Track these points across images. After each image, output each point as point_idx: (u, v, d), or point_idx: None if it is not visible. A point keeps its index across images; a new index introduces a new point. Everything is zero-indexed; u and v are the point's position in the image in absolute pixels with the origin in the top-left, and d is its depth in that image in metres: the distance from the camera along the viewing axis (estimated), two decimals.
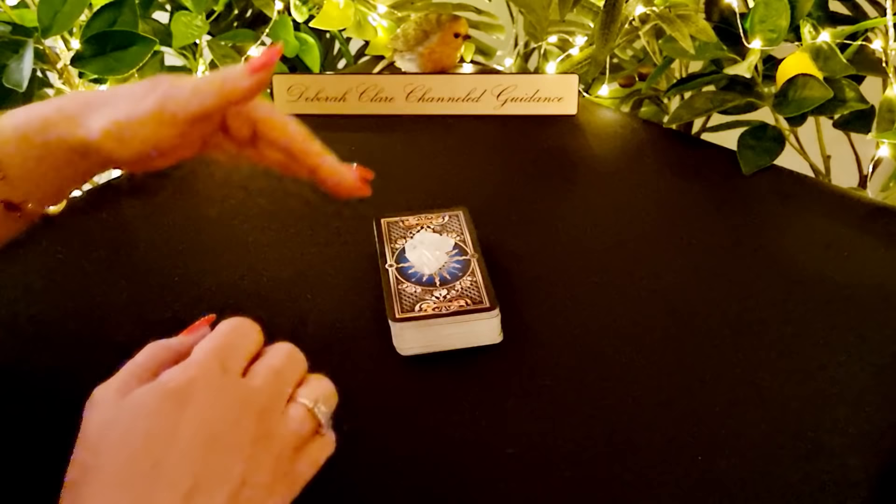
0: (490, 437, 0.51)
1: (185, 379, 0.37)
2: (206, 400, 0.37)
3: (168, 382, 0.37)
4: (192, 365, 0.38)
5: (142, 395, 0.37)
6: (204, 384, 0.37)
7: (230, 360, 0.39)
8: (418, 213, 0.65)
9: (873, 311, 0.60)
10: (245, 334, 0.41)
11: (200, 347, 0.39)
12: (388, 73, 0.91)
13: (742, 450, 0.49)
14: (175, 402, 0.37)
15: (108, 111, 0.46)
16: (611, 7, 0.79)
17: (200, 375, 0.38)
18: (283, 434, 0.39)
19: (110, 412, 0.37)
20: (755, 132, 0.78)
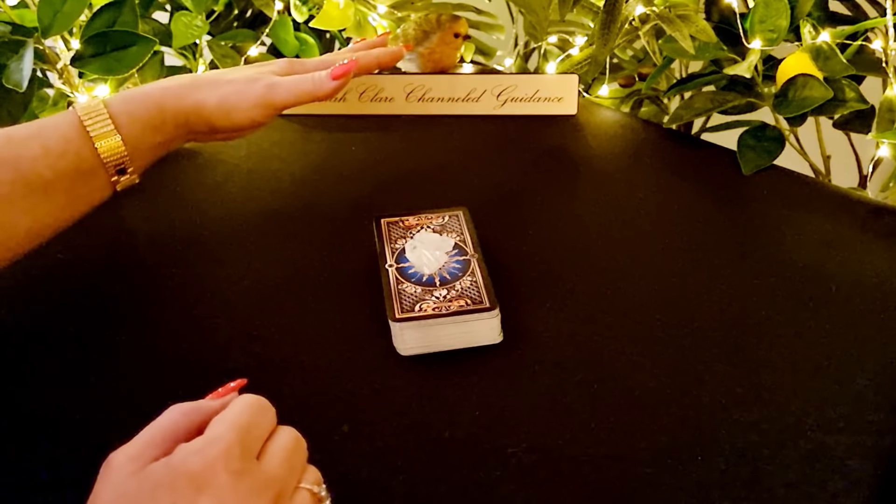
0: (490, 437, 0.51)
1: (204, 462, 0.36)
2: (225, 485, 0.36)
3: (187, 463, 0.36)
4: (212, 445, 0.37)
5: (159, 473, 0.36)
6: (223, 467, 0.36)
7: (249, 442, 0.38)
8: (418, 213, 0.65)
9: (873, 311, 0.60)
10: (264, 414, 0.40)
11: (221, 423, 0.38)
12: (388, 73, 0.91)
13: (742, 450, 0.49)
14: (193, 485, 0.35)
15: (220, 89, 0.58)
16: (611, 7, 0.79)
17: (220, 458, 0.36)
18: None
19: (125, 484, 0.36)
20: (755, 132, 0.78)
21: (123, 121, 0.55)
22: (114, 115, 0.55)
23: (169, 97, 0.57)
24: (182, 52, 0.96)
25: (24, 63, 0.70)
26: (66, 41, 0.81)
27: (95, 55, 0.75)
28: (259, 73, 0.61)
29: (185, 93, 0.58)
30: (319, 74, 0.61)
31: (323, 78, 0.61)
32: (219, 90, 0.58)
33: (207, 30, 0.92)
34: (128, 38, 0.75)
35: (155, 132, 0.57)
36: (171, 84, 0.58)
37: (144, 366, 0.56)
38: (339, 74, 0.61)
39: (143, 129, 0.56)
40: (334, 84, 0.61)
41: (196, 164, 0.77)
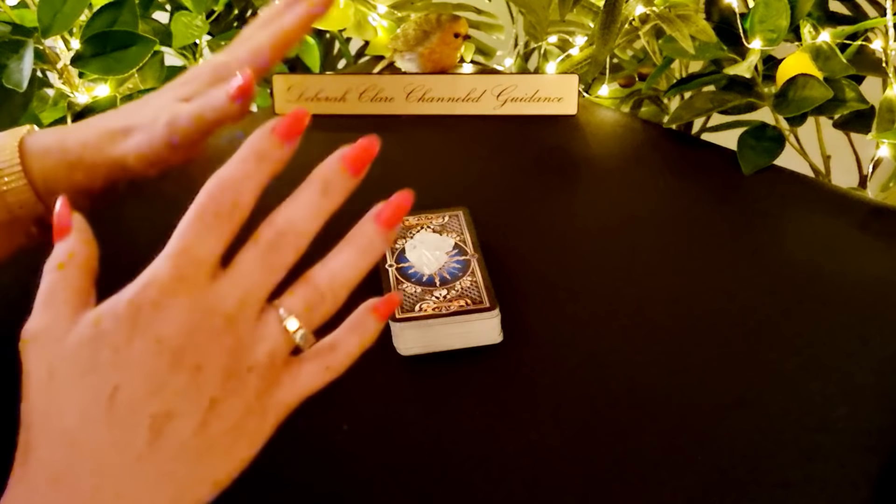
0: (490, 437, 0.51)
1: (143, 295, 0.34)
2: (162, 317, 0.34)
3: (125, 300, 0.34)
4: (150, 276, 0.35)
5: (94, 321, 0.35)
6: (158, 299, 0.34)
7: (194, 262, 0.36)
8: (418, 213, 0.65)
9: (873, 311, 0.60)
10: (217, 223, 0.37)
11: (163, 252, 0.36)
12: (388, 73, 0.91)
13: (742, 450, 0.49)
14: (131, 322, 0.34)
15: (133, 139, 0.52)
16: (611, 7, 0.79)
17: (158, 289, 0.34)
18: (258, 348, 0.36)
19: (56, 354, 0.35)
20: (755, 132, 0.78)
21: (37, 177, 0.52)
22: (28, 169, 0.52)
23: (88, 156, 0.53)
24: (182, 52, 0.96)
25: (24, 63, 0.70)
26: (66, 41, 0.81)
27: (95, 55, 0.75)
28: (164, 105, 0.53)
29: (102, 148, 0.53)
30: (219, 97, 0.51)
31: (223, 101, 0.51)
32: (131, 140, 0.52)
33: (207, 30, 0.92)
34: (128, 38, 0.75)
35: (73, 188, 0.54)
36: (88, 136, 0.53)
37: None
38: (239, 94, 0.50)
39: (59, 185, 0.53)
40: (238, 106, 0.51)
41: (196, 164, 0.77)
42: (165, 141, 0.51)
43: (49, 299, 0.37)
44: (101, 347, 0.34)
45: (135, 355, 0.34)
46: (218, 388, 0.34)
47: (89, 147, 0.53)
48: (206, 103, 0.52)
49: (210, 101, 0.52)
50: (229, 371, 0.35)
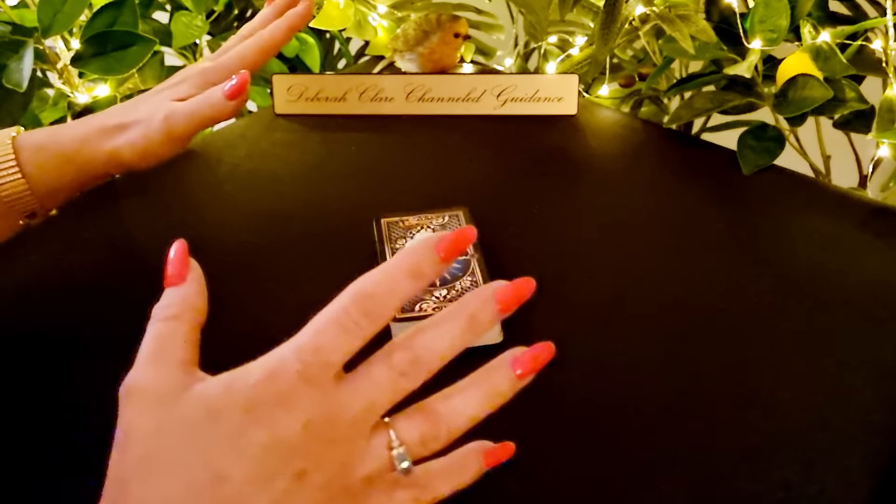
0: (490, 437, 0.51)
1: (267, 386, 0.33)
2: (282, 414, 0.33)
3: (249, 386, 0.34)
4: (280, 364, 0.34)
5: (211, 397, 0.34)
6: (284, 393, 0.33)
7: (325, 363, 0.34)
8: (418, 213, 0.65)
9: (873, 311, 0.60)
10: (347, 335, 0.35)
11: (297, 342, 0.35)
12: (388, 73, 0.91)
13: (742, 450, 0.49)
14: (250, 411, 0.33)
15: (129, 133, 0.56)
16: (611, 7, 0.79)
17: (285, 382, 0.33)
18: (361, 465, 0.35)
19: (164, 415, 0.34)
20: (755, 132, 0.78)
21: (32, 171, 0.54)
22: (22, 163, 0.54)
23: (84, 150, 0.56)
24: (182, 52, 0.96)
25: (24, 63, 0.70)
26: (66, 41, 0.81)
27: (95, 55, 0.75)
28: (160, 103, 0.58)
29: (97, 143, 0.56)
30: (216, 95, 0.57)
31: (220, 99, 0.57)
32: (127, 134, 0.56)
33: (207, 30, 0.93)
34: (128, 38, 0.75)
35: (66, 182, 0.56)
36: (84, 132, 0.56)
37: None
38: (234, 94, 0.57)
39: (53, 180, 0.55)
40: (233, 104, 0.57)
41: (196, 164, 0.77)
42: (163, 134, 0.56)
43: (159, 353, 0.36)
44: (216, 428, 0.33)
45: (248, 447, 0.32)
46: (315, 498, 0.33)
47: (86, 142, 0.55)
48: (203, 100, 0.57)
49: (207, 98, 0.57)
50: (331, 483, 0.34)
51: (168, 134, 0.56)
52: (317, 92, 0.84)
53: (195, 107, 0.57)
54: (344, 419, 0.34)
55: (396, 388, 0.35)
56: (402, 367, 0.35)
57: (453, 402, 0.37)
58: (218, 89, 0.57)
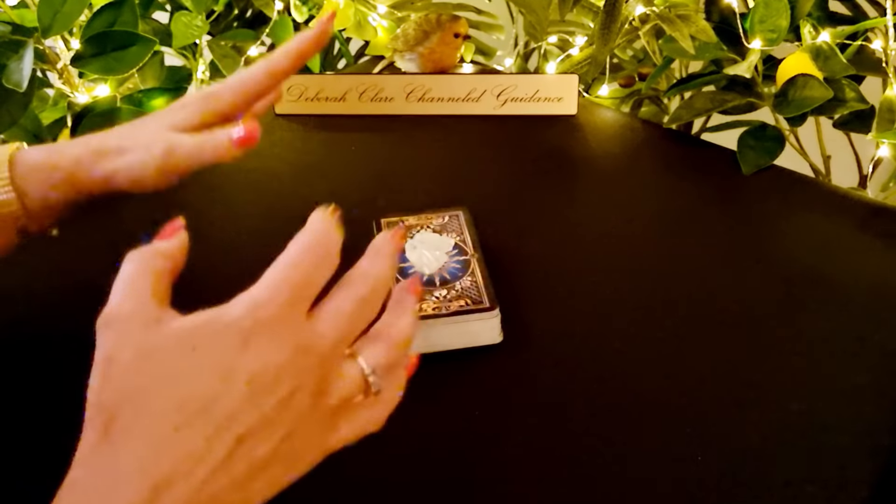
0: (490, 437, 0.51)
1: (252, 319, 0.36)
2: (269, 343, 0.36)
3: (233, 319, 0.36)
4: (261, 301, 0.36)
5: (196, 328, 0.36)
6: (268, 324, 0.36)
7: (301, 297, 0.37)
8: (418, 213, 0.65)
9: (873, 311, 0.60)
10: (322, 263, 0.39)
11: (272, 277, 0.38)
12: (388, 73, 0.91)
13: (742, 450, 0.49)
14: (238, 340, 0.35)
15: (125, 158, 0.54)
16: (611, 7, 0.79)
17: (269, 315, 0.36)
18: (335, 390, 0.37)
19: (145, 342, 0.36)
20: (755, 132, 0.78)
21: (26, 188, 0.54)
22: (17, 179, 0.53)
23: (80, 171, 0.54)
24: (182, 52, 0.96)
25: (24, 63, 0.70)
26: (66, 41, 0.81)
27: (95, 55, 0.75)
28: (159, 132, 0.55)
29: (94, 164, 0.54)
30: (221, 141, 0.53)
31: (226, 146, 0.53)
32: (124, 159, 0.54)
33: (207, 30, 0.92)
34: (128, 38, 0.75)
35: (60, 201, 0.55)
36: (81, 152, 0.55)
37: None
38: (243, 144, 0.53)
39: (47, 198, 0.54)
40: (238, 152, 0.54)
41: None
42: (158, 166, 0.53)
43: (133, 287, 0.39)
44: (205, 355, 0.35)
45: (240, 372, 0.35)
46: (297, 418, 0.36)
47: (82, 163, 0.54)
48: (208, 142, 0.54)
49: (212, 141, 0.53)
50: (314, 405, 0.37)
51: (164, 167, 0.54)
52: (317, 92, 0.84)
53: (198, 147, 0.54)
54: (325, 346, 0.37)
55: (361, 316, 0.39)
56: (363, 295, 0.39)
57: (397, 325, 0.41)
58: (226, 134, 0.53)
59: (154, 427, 0.34)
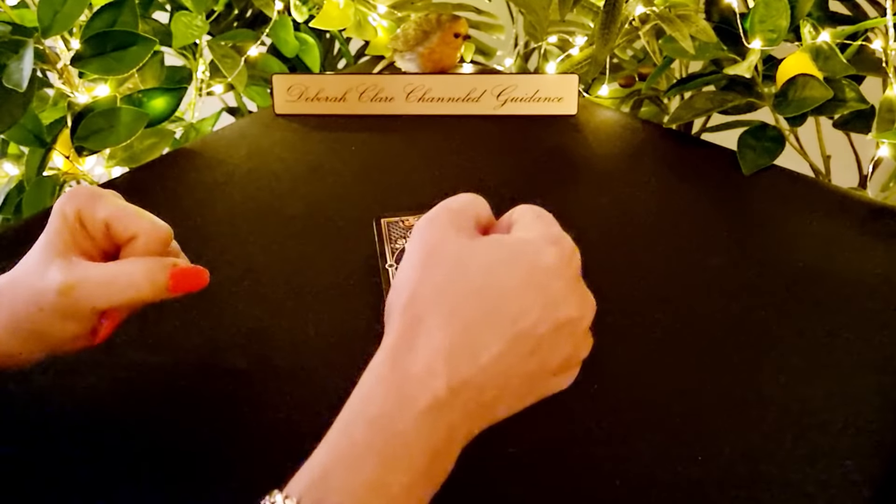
0: (490, 437, 0.51)
1: (558, 257, 0.39)
2: (574, 281, 0.40)
3: (547, 254, 0.39)
4: (565, 247, 0.40)
5: (519, 246, 0.39)
6: (571, 266, 0.40)
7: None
8: (418, 213, 0.65)
9: (873, 311, 0.60)
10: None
11: (552, 227, 0.42)
12: (388, 73, 0.91)
13: (742, 450, 0.49)
14: (550, 272, 0.39)
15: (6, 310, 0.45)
16: (611, 7, 0.79)
17: (570, 257, 0.40)
18: (585, 347, 0.41)
19: (468, 245, 0.39)
20: (755, 132, 0.78)
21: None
22: None
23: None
24: (182, 52, 0.96)
25: (24, 63, 0.70)
26: (66, 41, 0.81)
27: (95, 55, 0.75)
28: (44, 269, 0.44)
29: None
30: (156, 280, 0.45)
31: (161, 285, 0.45)
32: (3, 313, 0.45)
33: (207, 30, 0.92)
34: (128, 38, 0.75)
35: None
36: None
37: (144, 365, 0.56)
38: (182, 288, 0.46)
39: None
40: (166, 294, 0.46)
41: (196, 164, 0.77)
42: (58, 312, 0.44)
43: (460, 200, 0.44)
44: (517, 272, 0.38)
45: (548, 293, 0.38)
46: (571, 346, 0.40)
47: None
48: (133, 281, 0.45)
49: (143, 281, 0.45)
50: (573, 345, 0.40)
51: (68, 308, 0.44)
52: (317, 92, 0.84)
53: (111, 281, 0.45)
54: (593, 309, 0.42)
55: None
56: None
57: None
58: (161, 272, 0.45)
59: (465, 326, 0.37)
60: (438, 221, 0.40)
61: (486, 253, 0.39)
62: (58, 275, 0.44)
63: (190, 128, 0.99)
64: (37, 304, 0.44)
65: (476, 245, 0.39)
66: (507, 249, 0.39)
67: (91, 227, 0.46)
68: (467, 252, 0.39)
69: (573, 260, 0.40)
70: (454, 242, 0.39)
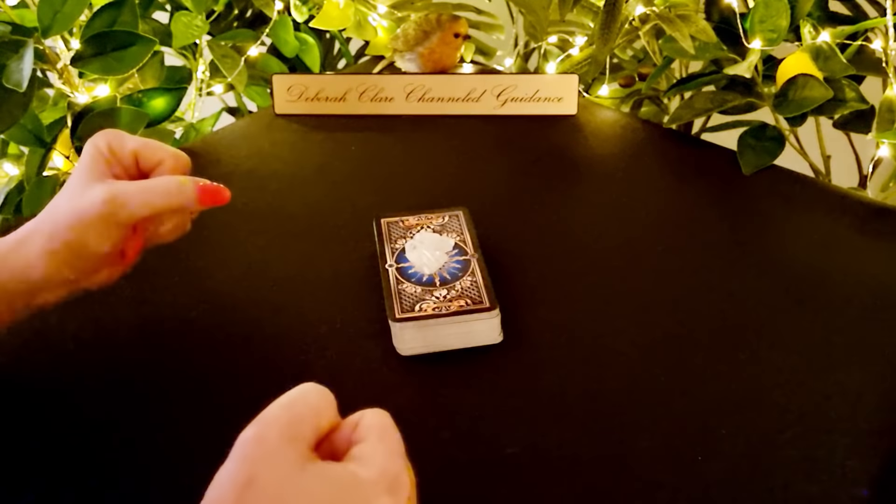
0: (490, 436, 0.51)
1: (385, 482, 0.36)
2: (387, 500, 0.36)
3: (378, 486, 0.36)
4: (402, 494, 0.37)
5: (343, 479, 0.36)
6: (385, 484, 0.36)
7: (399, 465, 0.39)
8: (418, 213, 0.65)
9: (873, 311, 0.60)
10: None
11: (388, 453, 0.38)
12: (388, 73, 0.91)
13: (742, 450, 0.49)
14: (363, 496, 0.35)
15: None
16: (611, 7, 0.79)
17: (403, 489, 0.37)
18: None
19: (293, 475, 0.35)
20: (755, 132, 0.78)
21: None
22: None
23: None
24: (182, 52, 0.96)
25: (24, 63, 0.70)
26: (66, 41, 0.81)
27: (95, 55, 0.75)
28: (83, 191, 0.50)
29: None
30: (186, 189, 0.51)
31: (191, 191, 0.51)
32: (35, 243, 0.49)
33: (207, 30, 0.92)
34: (128, 38, 0.75)
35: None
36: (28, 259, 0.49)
37: (144, 364, 0.56)
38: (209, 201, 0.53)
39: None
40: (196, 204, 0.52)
41: (196, 164, 0.77)
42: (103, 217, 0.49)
43: (296, 413, 0.38)
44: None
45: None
46: None
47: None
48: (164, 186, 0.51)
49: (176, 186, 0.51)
50: None
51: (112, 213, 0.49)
52: (317, 92, 0.84)
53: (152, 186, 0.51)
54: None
55: None
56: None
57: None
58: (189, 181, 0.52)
59: None
60: (267, 441, 0.35)
61: (309, 493, 0.35)
62: (100, 190, 0.49)
63: (190, 128, 0.99)
64: (79, 217, 0.49)
65: (302, 480, 0.35)
66: (335, 491, 0.35)
67: (121, 156, 0.52)
68: (289, 490, 0.34)
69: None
70: (277, 474, 0.35)
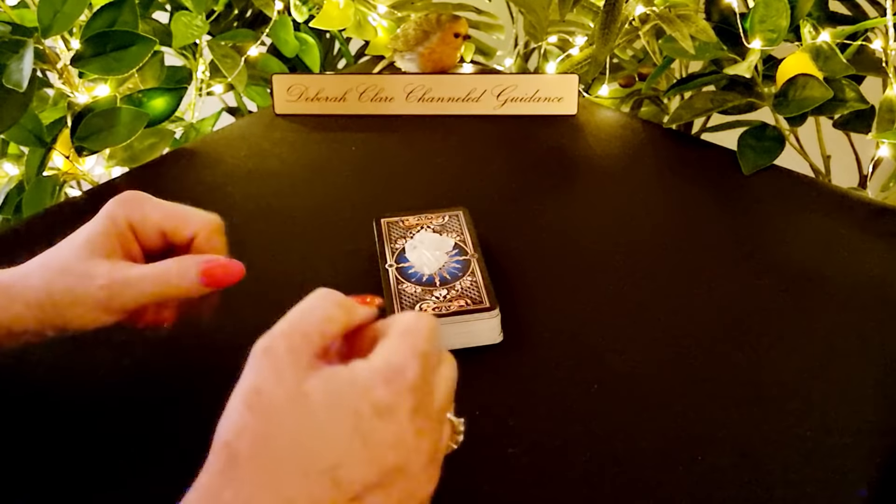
0: (490, 436, 0.51)
1: (391, 396, 0.36)
2: (407, 421, 0.36)
3: (375, 391, 0.35)
4: (400, 378, 0.36)
5: (341, 388, 0.35)
6: (408, 405, 0.36)
7: (429, 375, 0.37)
8: (418, 213, 0.65)
9: (873, 311, 0.60)
10: (438, 339, 0.39)
11: (404, 351, 0.37)
12: (388, 73, 0.91)
13: (742, 450, 0.49)
14: (377, 415, 0.35)
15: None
16: (611, 7, 0.79)
17: (407, 394, 0.36)
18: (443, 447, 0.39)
19: (296, 384, 0.35)
20: (755, 132, 0.78)
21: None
22: None
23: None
24: (182, 52, 0.96)
25: (24, 63, 0.70)
26: (66, 41, 0.81)
27: (95, 55, 0.75)
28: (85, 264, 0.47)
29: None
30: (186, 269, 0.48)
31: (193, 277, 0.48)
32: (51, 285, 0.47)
33: (207, 30, 0.93)
34: (128, 38, 0.75)
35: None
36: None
37: (144, 365, 0.56)
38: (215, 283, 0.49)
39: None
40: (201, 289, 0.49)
41: (196, 164, 0.77)
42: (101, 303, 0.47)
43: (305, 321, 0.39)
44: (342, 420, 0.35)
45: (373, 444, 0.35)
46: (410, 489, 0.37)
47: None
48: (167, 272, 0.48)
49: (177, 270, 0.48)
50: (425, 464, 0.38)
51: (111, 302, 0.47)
52: (317, 92, 0.84)
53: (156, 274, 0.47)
54: (440, 405, 0.38)
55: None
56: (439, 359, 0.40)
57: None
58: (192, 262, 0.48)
59: (278, 478, 0.34)
60: (274, 353, 0.36)
61: (313, 396, 0.35)
62: (102, 273, 0.46)
63: (190, 128, 0.99)
64: (72, 293, 0.46)
65: (307, 387, 0.35)
66: (336, 390, 0.35)
67: (142, 232, 0.50)
68: (295, 397, 0.35)
69: (414, 394, 0.36)
70: (284, 383, 0.35)
